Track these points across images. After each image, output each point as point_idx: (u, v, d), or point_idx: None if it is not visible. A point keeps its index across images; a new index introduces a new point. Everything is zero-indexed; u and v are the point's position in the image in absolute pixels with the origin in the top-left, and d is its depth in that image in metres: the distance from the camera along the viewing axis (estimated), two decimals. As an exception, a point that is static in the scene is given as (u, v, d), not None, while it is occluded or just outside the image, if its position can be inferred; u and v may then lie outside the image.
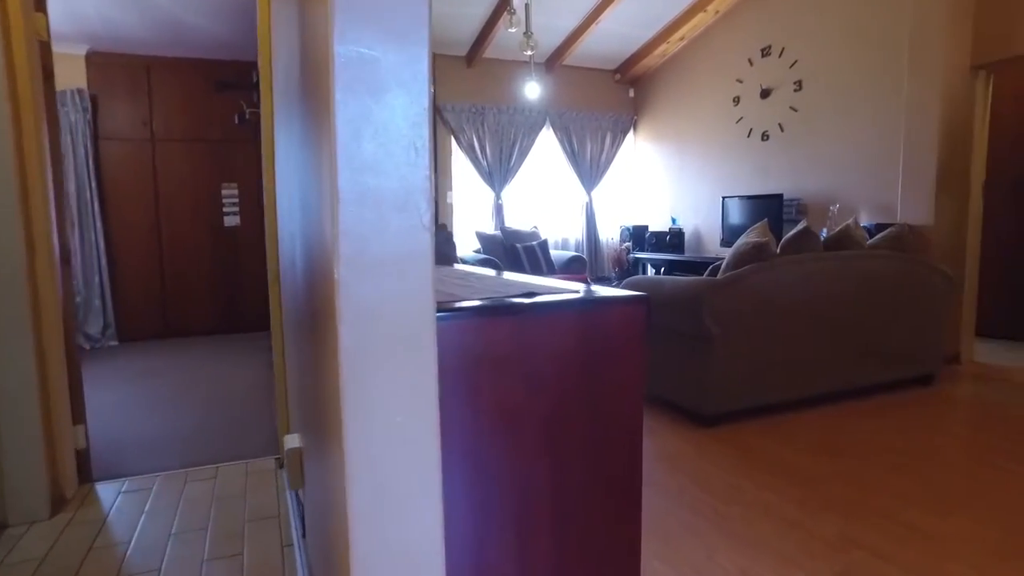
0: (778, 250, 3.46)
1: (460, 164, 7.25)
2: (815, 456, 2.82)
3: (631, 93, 8.03)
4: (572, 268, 6.75)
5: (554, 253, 7.00)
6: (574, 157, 7.66)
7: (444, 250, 3.89)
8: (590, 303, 1.33)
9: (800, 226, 3.46)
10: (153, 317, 5.88)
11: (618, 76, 7.87)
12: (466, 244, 7.18)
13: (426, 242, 0.92)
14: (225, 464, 2.83)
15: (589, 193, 7.74)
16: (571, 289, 1.46)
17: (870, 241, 3.80)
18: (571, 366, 1.30)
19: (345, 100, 0.85)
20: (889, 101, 4.94)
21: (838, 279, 3.45)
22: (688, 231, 7.14)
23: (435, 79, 6.99)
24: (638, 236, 7.35)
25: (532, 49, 5.38)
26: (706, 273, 3.57)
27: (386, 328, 0.90)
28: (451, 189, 7.19)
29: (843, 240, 3.59)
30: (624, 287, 3.67)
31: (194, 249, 5.95)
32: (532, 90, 6.19)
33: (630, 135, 8.04)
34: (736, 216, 6.17)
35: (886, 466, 2.69)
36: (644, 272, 7.35)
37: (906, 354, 3.82)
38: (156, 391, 4.09)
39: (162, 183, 5.84)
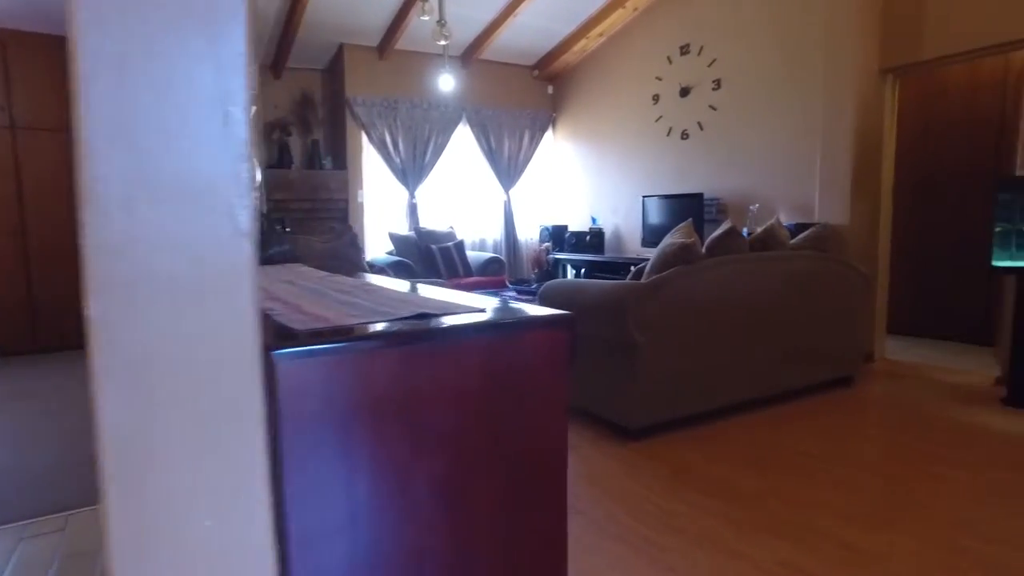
0: (704, 251, 3.31)
1: (372, 161, 6.84)
2: (748, 471, 2.65)
3: (550, 90, 7.85)
4: (490, 270, 6.49)
5: (471, 254, 6.71)
6: (491, 155, 7.39)
7: (348, 254, 3.53)
8: (502, 328, 1.04)
9: (725, 226, 3.31)
10: (20, 330, 5.19)
11: (537, 72, 7.66)
12: (379, 246, 6.78)
13: (244, 253, 0.61)
14: (78, 511, 2.38)
15: (507, 192, 7.50)
16: (478, 308, 1.17)
17: (793, 241, 3.72)
18: (477, 410, 1.01)
19: (96, 20, 0.53)
20: (806, 101, 4.93)
21: (764, 280, 3.33)
22: (608, 231, 7.01)
23: (341, 67, 6.58)
24: (558, 236, 7.17)
25: (446, 39, 5.07)
26: (629, 276, 3.38)
27: (179, 385, 0.58)
28: (362, 188, 6.77)
29: (768, 240, 3.47)
30: (543, 291, 3.43)
31: (72, 253, 5.29)
32: (446, 83, 5.88)
33: (549, 133, 7.86)
34: (656, 216, 6.07)
35: (819, 479, 2.55)
36: (564, 273, 7.18)
37: (828, 356, 3.76)
38: (18, 418, 3.53)
39: (27, 179, 5.16)
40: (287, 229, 3.83)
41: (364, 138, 6.73)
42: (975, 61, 5.09)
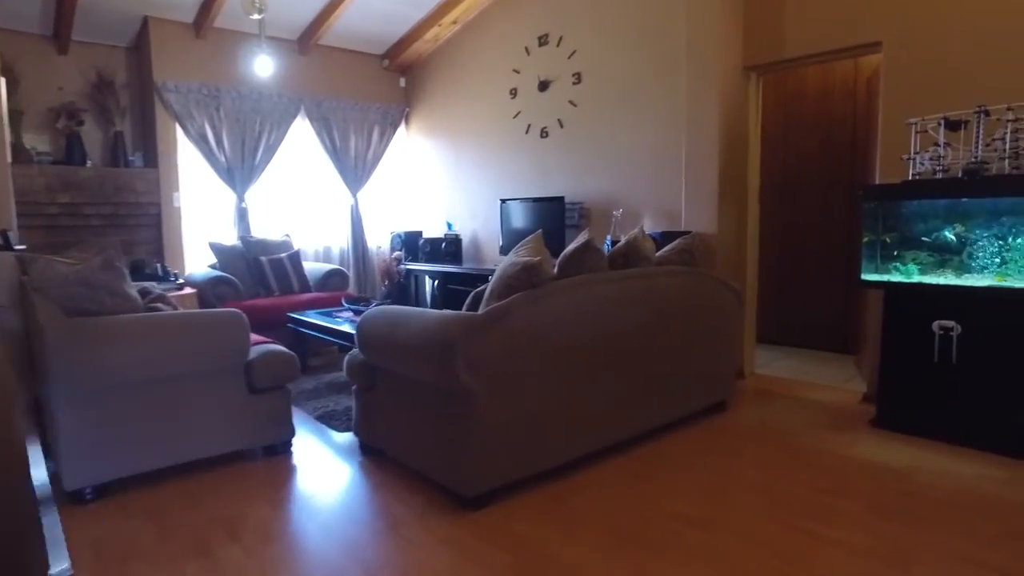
0: (556, 270, 2.76)
1: (192, 159, 5.82)
2: (612, 551, 2.10)
3: (402, 82, 7.13)
4: (331, 283, 5.68)
5: (311, 266, 5.87)
6: (336, 153, 6.57)
7: (106, 282, 2.68)
8: None
9: (580, 239, 2.78)
10: None
11: (387, 62, 6.92)
12: (201, 258, 5.78)
13: None
14: None
15: (355, 195, 6.71)
16: None
17: (659, 254, 3.27)
18: None
19: None
20: (671, 98, 4.56)
21: (627, 303, 2.83)
22: (466, 238, 6.41)
23: (147, 44, 5.53)
24: (411, 244, 6.48)
25: (260, 13, 4.24)
26: (466, 303, 2.76)
27: None
28: (178, 190, 5.73)
29: (630, 255, 2.99)
30: (361, 326, 2.75)
31: None
32: (264, 66, 5.02)
33: (402, 129, 7.14)
34: (517, 221, 5.53)
35: (695, 555, 2.05)
36: (417, 286, 6.50)
37: (701, 382, 3.35)
38: None
39: None
40: (16, 247, 2.86)
41: (179, 130, 5.70)
42: (829, 65, 4.96)
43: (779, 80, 5.27)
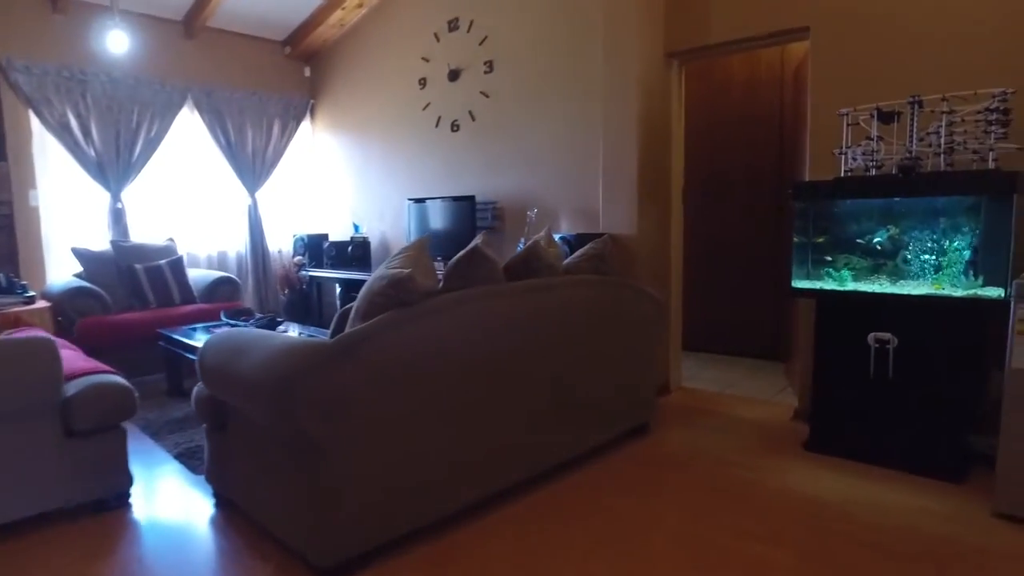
0: (441, 284, 2.30)
1: (54, 152, 5.09)
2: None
3: (307, 72, 6.54)
4: (220, 293, 5.06)
5: (198, 274, 5.23)
6: (231, 148, 5.93)
7: None
8: None
9: (472, 245, 2.33)
10: None
11: (289, 50, 6.32)
12: (67, 265, 5.06)
13: None
14: None
15: (253, 194, 6.08)
16: None
17: (567, 261, 2.86)
18: None
19: None
20: (591, 88, 4.17)
21: (526, 320, 2.40)
22: (375, 240, 5.89)
23: (-8, 24, 4.78)
24: (315, 248, 5.90)
25: (111, -21, 3.62)
26: (332, 324, 2.28)
27: None
28: (35, 187, 5.00)
29: (530, 263, 2.56)
30: (203, 352, 2.24)
31: None
32: (117, 41, 4.37)
33: (306, 123, 6.55)
34: (425, 222, 5.05)
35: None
36: (320, 294, 5.94)
37: (617, 405, 2.96)
38: None
39: None
40: None
41: (34, 119, 4.96)
42: (755, 56, 4.69)
43: (703, 71, 4.97)
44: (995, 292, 2.49)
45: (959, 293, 2.56)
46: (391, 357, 1.95)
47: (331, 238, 6.11)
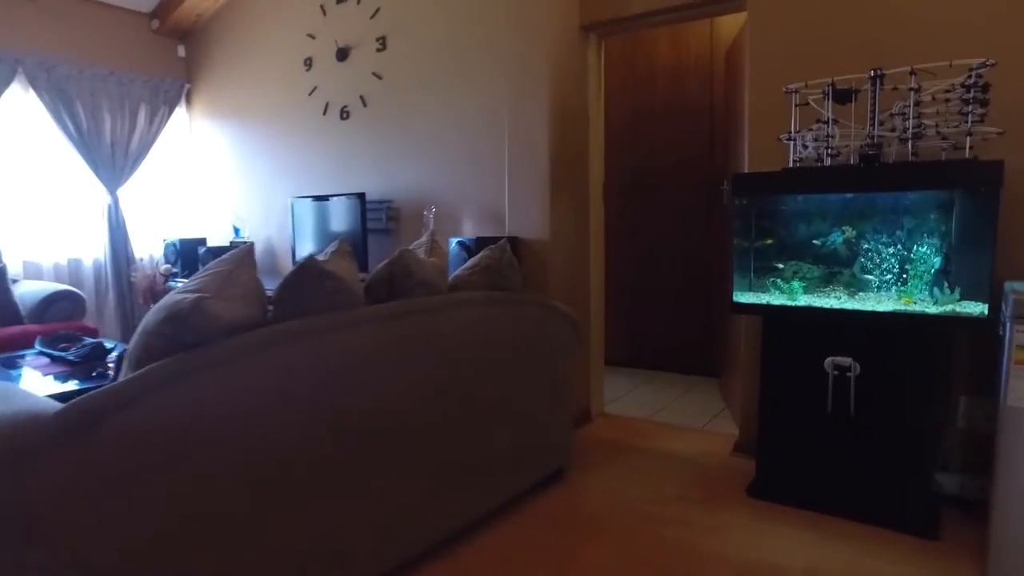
0: (271, 310, 1.64)
1: None
2: None
3: (181, 51, 5.68)
4: (56, 311, 4.18)
5: (29, 287, 4.32)
6: (82, 137, 5.02)
7: None
8: None
9: (304, 258, 1.67)
10: None
11: (157, 23, 5.45)
12: None
13: None
14: None
15: (113, 193, 5.19)
16: None
17: (455, 275, 2.24)
18: None
19: None
20: (497, 68, 3.58)
21: (390, 357, 1.77)
22: (260, 245, 5.11)
23: None
24: (189, 254, 5.07)
25: None
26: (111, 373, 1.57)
27: None
28: None
29: (397, 280, 1.92)
30: None
31: None
32: None
33: (182, 110, 5.69)
34: (311, 224, 4.34)
35: None
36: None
37: (523, 453, 2.36)
38: None
39: None
40: None
41: None
42: (682, 40, 4.22)
43: (626, 59, 4.47)
44: (976, 308, 2.03)
45: (934, 309, 2.09)
46: (165, 429, 1.27)
47: (209, 243, 5.29)
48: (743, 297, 2.44)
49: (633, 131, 4.48)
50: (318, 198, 4.25)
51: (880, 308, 2.16)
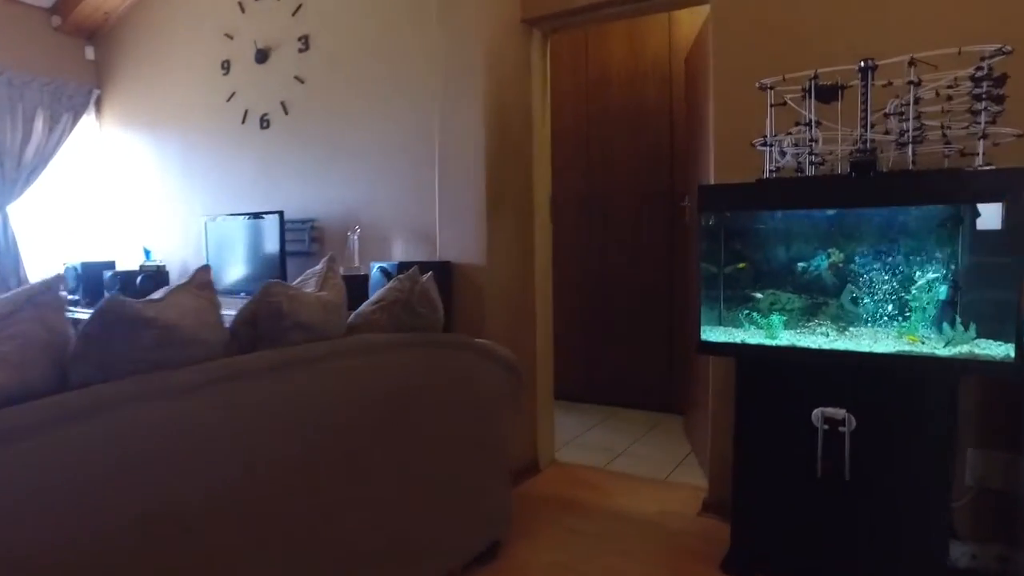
0: (73, 370, 1.15)
1: None
2: None
3: (90, 53, 5.12)
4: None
5: None
6: (-34, 146, 4.42)
7: None
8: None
9: (103, 300, 1.19)
10: None
11: (58, 20, 4.89)
12: None
13: None
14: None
15: (2, 208, 4.58)
16: None
17: (355, 314, 1.77)
18: None
19: None
20: (428, 69, 3.14)
21: (248, 429, 1.29)
22: (175, 270, 4.55)
23: None
24: (93, 280, 4.48)
25: None
26: None
27: None
28: None
29: (264, 324, 1.44)
30: None
31: None
32: None
33: (90, 118, 5.12)
34: (226, 246, 3.83)
35: None
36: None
37: (447, 529, 1.89)
38: None
39: None
40: None
41: None
42: (638, 43, 3.87)
43: (576, 65, 4.10)
44: (998, 349, 1.65)
45: (945, 351, 1.70)
46: None
47: (119, 267, 4.71)
48: (712, 334, 2.03)
49: (586, 141, 4.10)
50: (232, 216, 3.74)
51: (879, 349, 1.77)
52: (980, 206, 1.69)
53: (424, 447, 1.77)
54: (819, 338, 1.91)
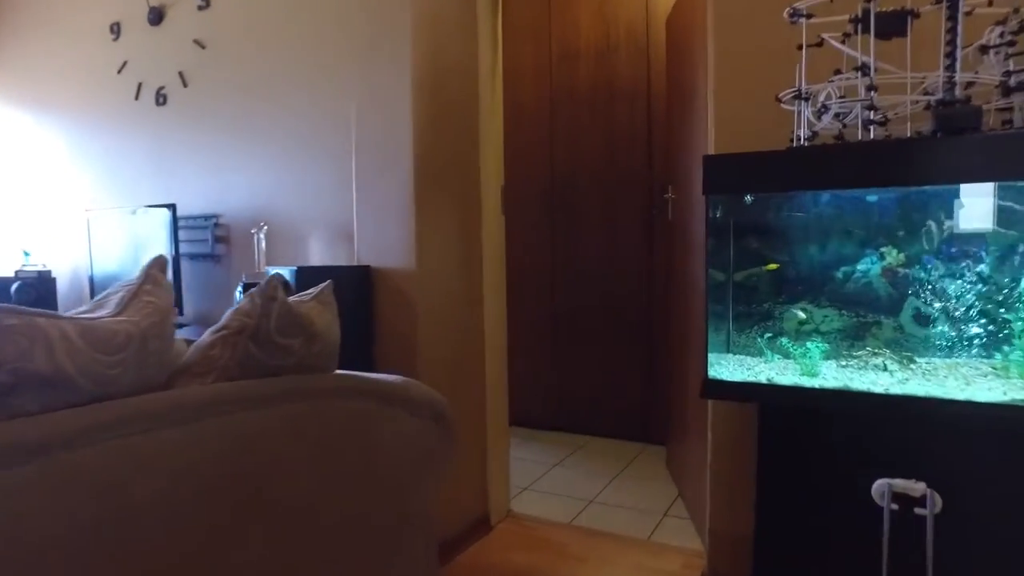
0: None
1: None
2: None
3: (-31, 23, 4.35)
4: None
5: None
6: None
7: None
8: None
9: None
10: None
11: (-72, -16, 4.12)
12: None
13: None
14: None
15: None
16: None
17: (192, 348, 1.13)
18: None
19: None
20: (351, 32, 2.50)
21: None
22: (63, 275, 3.82)
23: None
24: (-42, 289, 3.73)
25: None
26: None
27: None
28: None
29: (8, 376, 0.80)
30: None
31: None
32: None
33: (-33, 99, 4.35)
34: (111, 247, 3.14)
35: None
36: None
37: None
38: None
39: None
40: None
41: None
42: (610, 15, 3.30)
43: (538, 30, 3.51)
44: None
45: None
46: None
47: (-5, 273, 3.95)
48: (723, 371, 1.44)
49: (549, 123, 3.50)
50: (118, 210, 3.05)
51: (978, 396, 1.19)
52: None
53: (292, 548, 1.14)
54: (878, 375, 1.33)
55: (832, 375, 1.36)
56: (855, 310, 1.46)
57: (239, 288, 2.45)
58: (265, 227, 2.60)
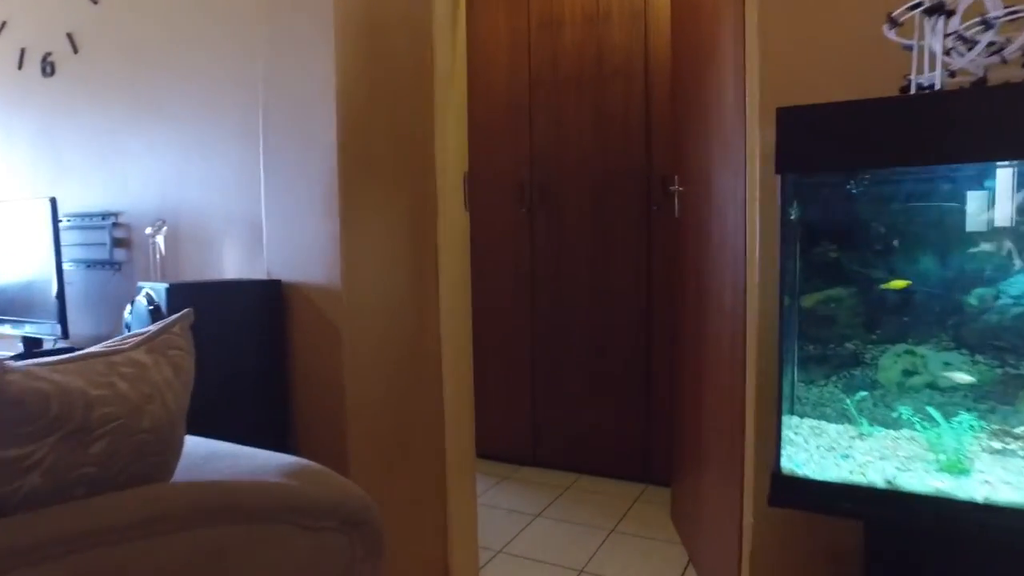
0: None
1: None
2: None
3: None
4: None
5: None
6: None
7: None
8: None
9: None
10: None
11: None
12: None
13: None
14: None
15: None
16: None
17: None
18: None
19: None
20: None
21: None
22: (-55, 287, 3.19)
23: None
24: None
25: None
26: None
27: None
28: None
29: None
30: None
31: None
32: None
33: None
34: (-14, 255, 2.54)
35: None
36: None
37: None
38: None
39: None
40: None
41: None
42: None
43: (514, 1, 2.96)
44: None
45: None
46: None
47: None
48: (797, 450, 0.90)
49: (527, 104, 2.96)
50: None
51: None
52: None
53: None
54: (1068, 471, 0.81)
55: (988, 471, 0.83)
56: (1001, 356, 0.94)
57: (128, 307, 1.86)
58: (164, 227, 2.02)
